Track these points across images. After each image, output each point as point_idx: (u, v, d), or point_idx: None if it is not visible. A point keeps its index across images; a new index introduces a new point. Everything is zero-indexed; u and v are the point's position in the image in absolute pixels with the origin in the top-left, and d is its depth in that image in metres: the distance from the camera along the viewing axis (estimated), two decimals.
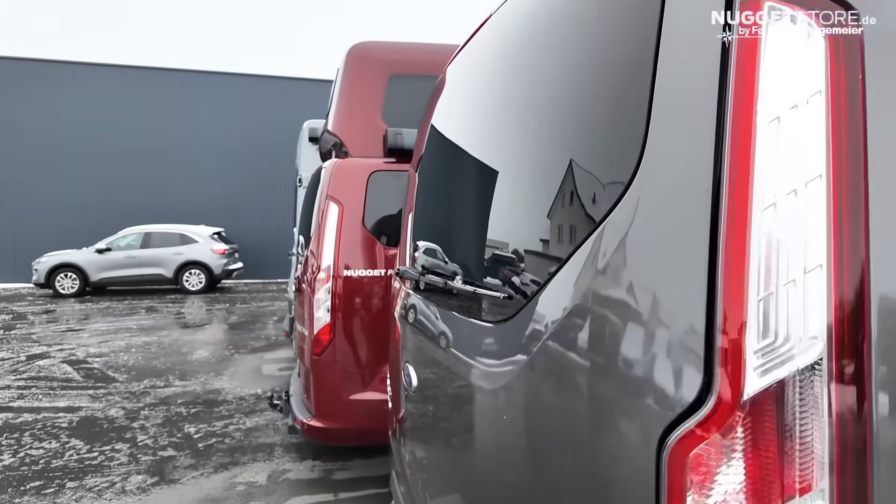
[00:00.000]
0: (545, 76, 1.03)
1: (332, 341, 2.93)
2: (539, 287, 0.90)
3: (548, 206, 0.92)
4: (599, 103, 0.83)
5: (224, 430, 4.16)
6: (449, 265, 1.47)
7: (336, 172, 3.01)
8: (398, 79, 3.15)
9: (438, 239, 1.65)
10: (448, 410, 1.36)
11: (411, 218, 1.93)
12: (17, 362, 6.32)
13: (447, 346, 1.34)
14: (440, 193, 1.72)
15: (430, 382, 1.50)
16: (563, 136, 0.94)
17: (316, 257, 2.99)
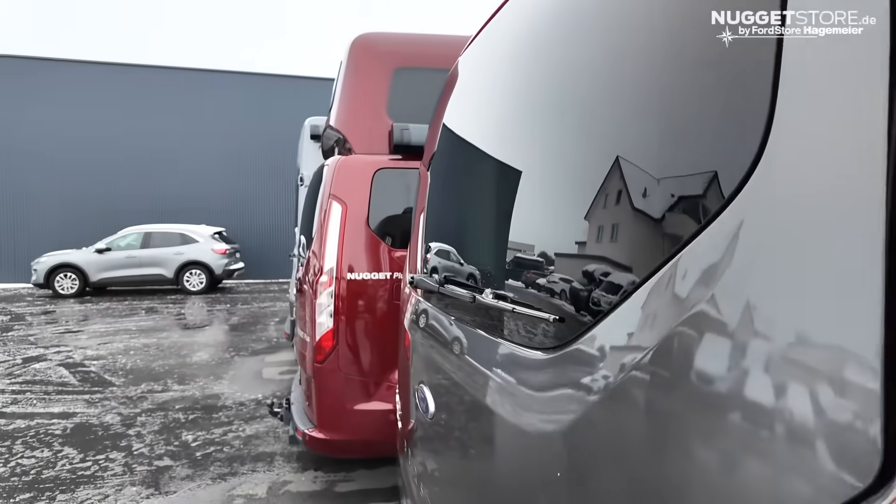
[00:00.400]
0: (608, 63, 0.88)
1: (335, 348, 2.78)
2: (609, 307, 0.73)
3: (620, 206, 0.76)
4: (693, 89, 0.67)
5: (223, 437, 4.02)
6: (470, 271, 1.32)
7: (339, 170, 2.86)
8: (404, 72, 3.00)
9: (457, 242, 1.51)
10: (473, 447, 1.19)
11: (423, 219, 1.77)
12: (12, 365, 6.18)
13: (472, 372, 1.18)
14: (458, 194, 1.57)
15: (450, 411, 1.34)
16: (639, 129, 0.78)
17: (318, 259, 2.84)
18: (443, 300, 1.48)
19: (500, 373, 1.05)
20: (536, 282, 0.96)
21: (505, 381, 1.02)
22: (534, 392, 0.91)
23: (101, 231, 14.65)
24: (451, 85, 1.74)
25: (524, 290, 1.00)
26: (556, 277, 0.90)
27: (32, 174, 15.15)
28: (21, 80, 15.01)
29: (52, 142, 15.24)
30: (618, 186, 0.77)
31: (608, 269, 0.77)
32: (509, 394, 0.99)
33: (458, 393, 1.27)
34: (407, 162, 2.89)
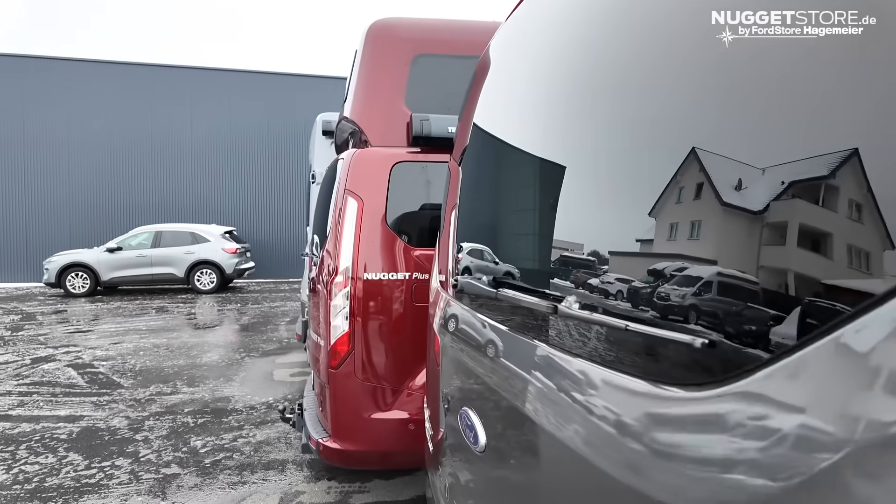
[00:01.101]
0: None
1: (351, 353, 2.61)
2: (829, 326, 0.50)
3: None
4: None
5: (233, 443, 3.87)
6: (528, 273, 1.15)
7: (355, 164, 2.69)
8: (424, 59, 2.82)
9: (500, 242, 1.38)
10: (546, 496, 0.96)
11: (455, 216, 1.61)
12: (20, 366, 6.09)
13: (548, 404, 0.95)
14: (500, 190, 1.43)
15: (511, 446, 1.12)
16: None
17: (333, 258, 2.68)
18: (488, 306, 1.30)
19: (605, 411, 0.80)
20: (668, 292, 0.74)
21: (611, 424, 0.78)
22: (667, 446, 0.67)
23: (112, 230, 14.66)
24: (482, 73, 1.60)
25: (650, 301, 0.77)
26: (716, 284, 0.67)
27: (44, 174, 15.18)
28: (30, 80, 15.04)
29: (63, 141, 15.25)
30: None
31: (834, 269, 0.54)
32: (617, 442, 0.76)
33: (523, 427, 1.04)
34: (427, 154, 2.71)
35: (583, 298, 0.91)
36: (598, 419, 0.81)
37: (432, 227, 2.73)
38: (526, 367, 1.05)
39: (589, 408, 0.84)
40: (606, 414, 0.79)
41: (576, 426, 0.86)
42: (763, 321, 0.59)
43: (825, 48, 0.55)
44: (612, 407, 0.79)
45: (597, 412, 0.82)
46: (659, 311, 0.75)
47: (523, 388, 1.04)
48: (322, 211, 3.33)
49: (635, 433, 0.72)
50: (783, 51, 0.60)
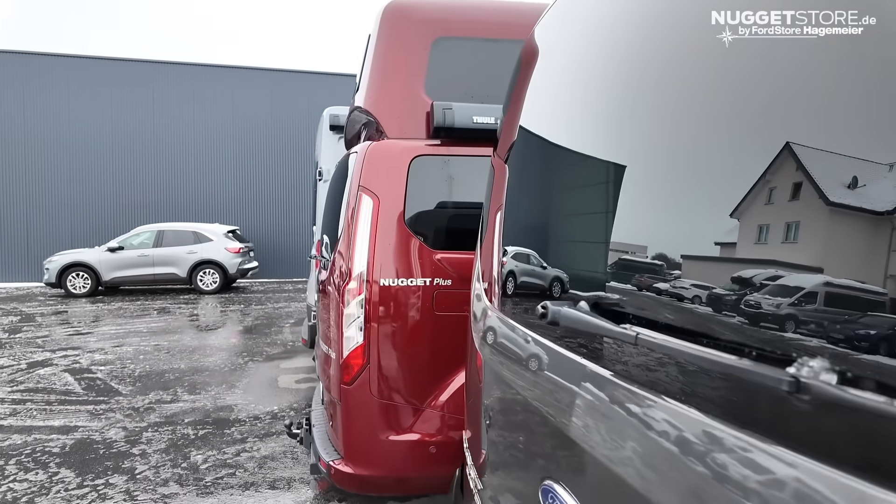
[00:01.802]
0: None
1: (366, 367, 2.35)
2: None
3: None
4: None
5: (236, 458, 3.62)
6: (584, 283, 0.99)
7: (370, 158, 2.43)
8: (445, 42, 2.56)
9: (560, 247, 1.23)
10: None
11: (500, 219, 1.38)
12: (16, 370, 5.86)
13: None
14: (552, 190, 1.28)
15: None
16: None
17: (345, 262, 2.42)
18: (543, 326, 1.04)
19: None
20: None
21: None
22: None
23: (114, 229, 14.46)
24: (528, 62, 1.45)
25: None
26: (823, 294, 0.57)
27: (45, 172, 14.98)
28: (31, 77, 14.83)
29: (65, 139, 15.04)
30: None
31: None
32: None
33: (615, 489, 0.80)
34: (449, 147, 2.46)
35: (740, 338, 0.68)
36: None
37: (456, 227, 2.47)
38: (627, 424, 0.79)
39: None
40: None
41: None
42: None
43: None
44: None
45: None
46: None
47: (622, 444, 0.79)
48: (332, 210, 3.08)
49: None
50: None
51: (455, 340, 2.39)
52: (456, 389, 2.38)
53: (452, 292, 2.38)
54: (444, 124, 2.36)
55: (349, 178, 2.55)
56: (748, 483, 0.59)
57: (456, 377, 2.39)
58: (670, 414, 0.74)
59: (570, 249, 1.23)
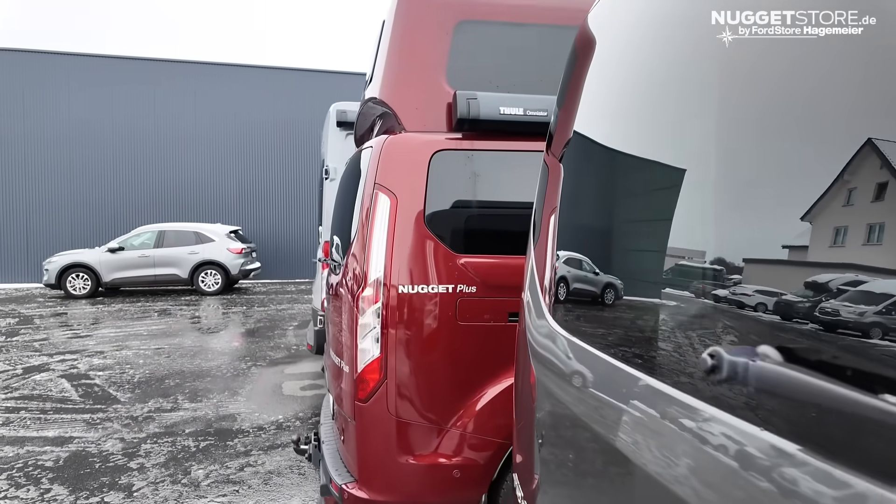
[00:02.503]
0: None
1: (383, 383, 2.14)
2: None
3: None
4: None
5: (239, 473, 3.41)
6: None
7: (386, 153, 2.22)
8: (468, 26, 2.34)
9: (621, 253, 1.15)
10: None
11: (554, 222, 1.20)
12: (11, 376, 5.67)
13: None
14: (612, 191, 1.19)
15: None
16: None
17: (360, 266, 2.21)
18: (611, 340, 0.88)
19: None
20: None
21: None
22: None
23: (114, 230, 14.27)
24: (584, 53, 1.34)
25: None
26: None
27: (45, 171, 14.79)
28: (31, 76, 14.65)
29: (65, 138, 14.85)
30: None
31: None
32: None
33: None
34: (473, 141, 2.24)
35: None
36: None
37: (481, 229, 2.26)
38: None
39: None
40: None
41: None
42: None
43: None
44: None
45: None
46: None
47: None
48: (342, 209, 2.87)
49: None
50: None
51: (481, 353, 2.18)
52: (482, 407, 2.16)
53: (477, 300, 2.17)
54: (468, 116, 2.15)
55: (363, 176, 2.34)
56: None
57: (482, 394, 2.18)
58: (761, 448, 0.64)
59: (623, 254, 1.15)
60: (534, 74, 2.38)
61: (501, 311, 2.18)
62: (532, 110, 2.19)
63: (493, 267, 2.19)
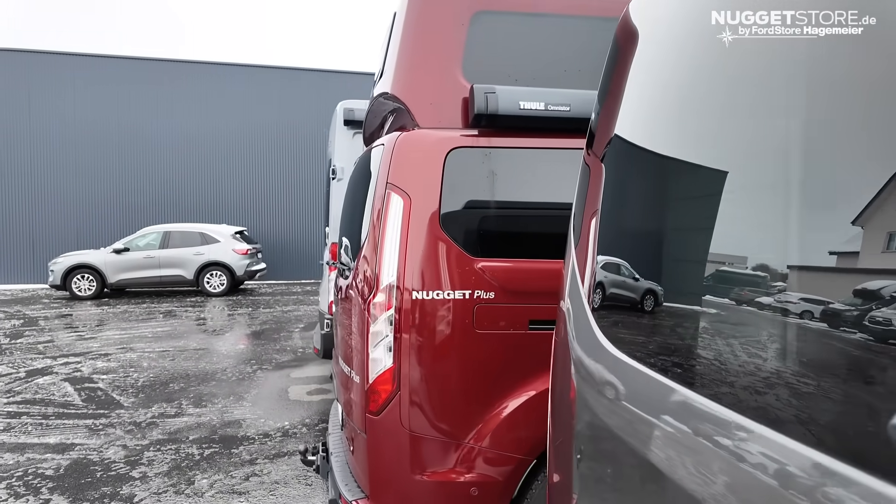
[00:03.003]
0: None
1: (396, 395, 2.01)
2: None
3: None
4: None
5: (244, 483, 3.30)
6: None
7: (399, 151, 2.10)
8: (485, 17, 2.22)
9: (668, 258, 1.08)
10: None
11: (595, 225, 1.09)
12: (14, 379, 5.58)
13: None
14: (657, 193, 1.12)
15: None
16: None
17: (371, 269, 2.09)
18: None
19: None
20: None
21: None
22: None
23: (119, 230, 14.24)
24: (627, 46, 1.26)
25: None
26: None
27: (50, 172, 14.77)
28: (35, 77, 14.63)
29: (69, 139, 14.83)
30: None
31: None
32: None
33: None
34: (491, 138, 2.11)
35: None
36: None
37: (499, 231, 2.14)
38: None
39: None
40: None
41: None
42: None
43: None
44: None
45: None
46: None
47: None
48: (351, 210, 2.75)
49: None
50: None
51: (500, 363, 2.05)
52: (501, 421, 2.04)
53: (496, 307, 2.04)
54: (485, 111, 2.02)
55: (375, 175, 2.22)
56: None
57: (501, 407, 2.05)
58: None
59: (664, 259, 1.09)
60: (555, 67, 2.25)
61: (522, 319, 2.05)
62: (554, 105, 2.07)
63: (512, 271, 2.06)
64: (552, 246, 2.17)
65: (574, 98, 2.09)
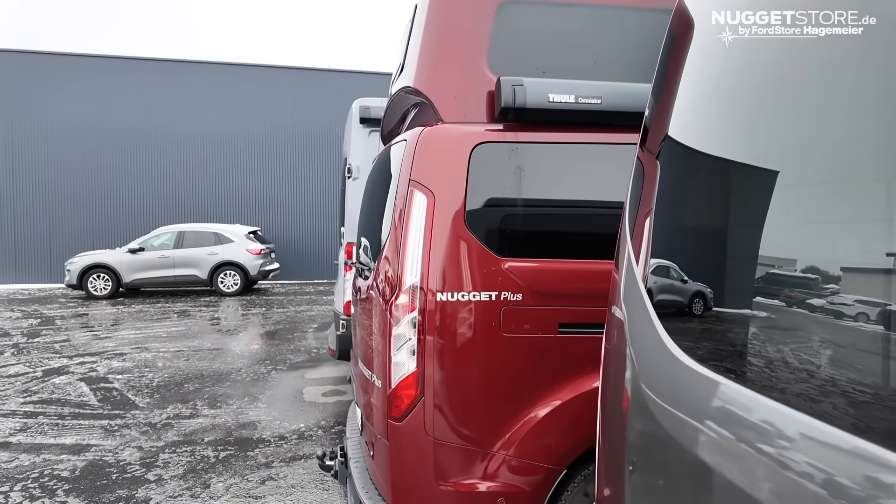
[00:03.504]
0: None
1: (420, 400, 1.93)
2: None
3: None
4: None
5: (260, 487, 3.24)
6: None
7: (423, 146, 2.02)
8: (512, 7, 2.13)
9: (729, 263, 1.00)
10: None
11: (650, 225, 1.00)
12: (31, 378, 5.59)
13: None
14: (718, 193, 1.05)
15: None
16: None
17: (393, 270, 2.01)
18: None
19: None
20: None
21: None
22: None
23: (135, 230, 14.34)
24: (682, 37, 1.20)
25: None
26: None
27: (67, 173, 14.91)
28: (51, 78, 14.78)
29: (85, 140, 14.97)
30: None
31: None
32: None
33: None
34: (518, 132, 2.03)
35: None
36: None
37: (527, 230, 2.05)
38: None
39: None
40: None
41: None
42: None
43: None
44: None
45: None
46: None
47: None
48: (370, 209, 2.68)
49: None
50: None
51: (528, 368, 1.97)
52: (530, 428, 1.95)
53: (524, 309, 1.95)
54: (513, 104, 1.94)
55: (397, 172, 2.14)
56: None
57: (529, 413, 1.96)
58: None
59: (714, 261, 1.03)
60: (584, 58, 2.16)
61: (551, 322, 1.96)
62: (584, 97, 1.97)
63: (541, 272, 1.97)
64: (583, 245, 2.08)
65: (605, 90, 1.99)
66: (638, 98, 2.03)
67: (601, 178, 2.10)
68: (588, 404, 1.97)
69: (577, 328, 1.97)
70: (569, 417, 1.97)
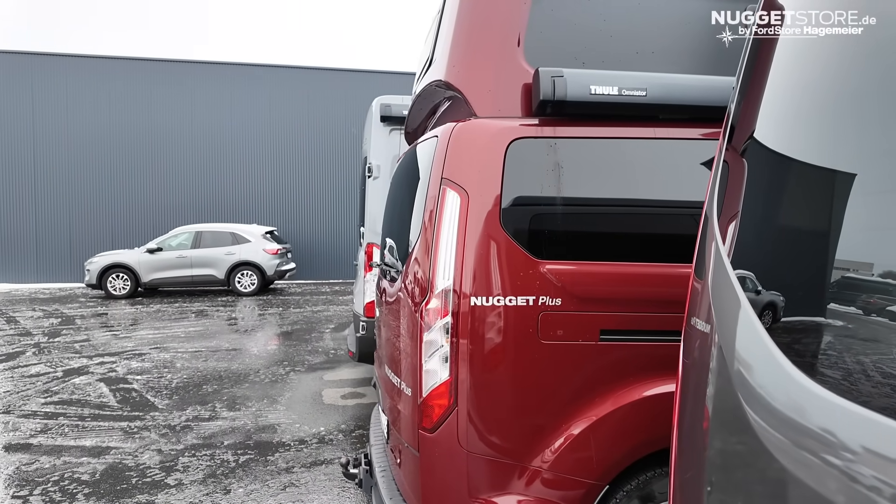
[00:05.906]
0: None
1: (453, 411, 1.83)
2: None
3: None
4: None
5: (281, 493, 3.16)
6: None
7: (456, 142, 1.92)
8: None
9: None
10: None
11: (734, 231, 0.89)
12: (51, 379, 5.60)
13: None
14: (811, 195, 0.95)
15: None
16: None
17: (424, 272, 1.91)
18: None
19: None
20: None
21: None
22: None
23: (153, 230, 14.45)
24: (770, 24, 1.10)
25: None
26: None
27: (86, 175, 15.08)
28: (71, 80, 14.94)
29: (103, 141, 15.11)
30: None
31: None
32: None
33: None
34: (556, 127, 1.91)
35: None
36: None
37: (567, 230, 1.93)
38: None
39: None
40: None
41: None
42: None
43: None
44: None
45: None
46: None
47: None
48: (396, 209, 2.58)
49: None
50: None
51: (567, 377, 1.85)
52: (570, 441, 1.83)
53: (563, 315, 1.84)
54: (552, 97, 1.82)
55: (427, 170, 2.04)
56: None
57: (569, 425, 1.85)
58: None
59: (788, 268, 0.96)
60: (626, 48, 2.04)
61: (592, 328, 1.84)
62: (628, 90, 1.85)
63: (582, 275, 1.85)
64: (626, 247, 1.96)
65: (650, 82, 1.87)
66: (684, 90, 1.91)
67: (645, 175, 1.98)
68: (632, 416, 1.85)
69: (621, 335, 1.86)
70: (611, 430, 1.85)
